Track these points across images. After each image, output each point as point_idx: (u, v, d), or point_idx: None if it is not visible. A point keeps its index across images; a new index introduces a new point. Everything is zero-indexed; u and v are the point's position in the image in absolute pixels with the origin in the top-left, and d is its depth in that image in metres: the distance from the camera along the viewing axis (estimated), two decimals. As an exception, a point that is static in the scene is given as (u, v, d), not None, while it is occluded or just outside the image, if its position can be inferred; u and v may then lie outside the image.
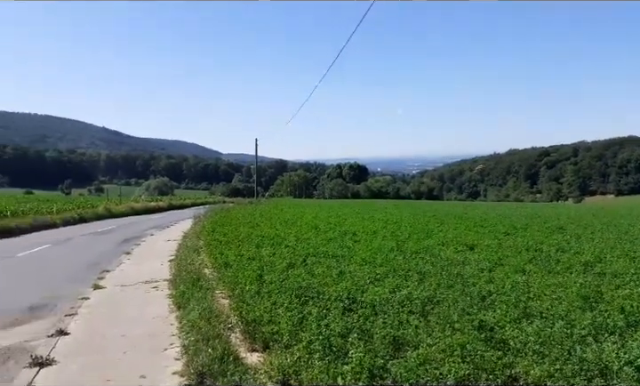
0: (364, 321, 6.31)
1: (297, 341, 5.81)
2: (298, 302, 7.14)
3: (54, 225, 28.66)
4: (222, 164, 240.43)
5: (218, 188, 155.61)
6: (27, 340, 7.57)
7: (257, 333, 6.46)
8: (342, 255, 11.78)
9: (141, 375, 5.90)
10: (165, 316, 8.70)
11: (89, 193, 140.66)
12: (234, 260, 11.31)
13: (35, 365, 6.29)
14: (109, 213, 38.80)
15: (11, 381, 5.93)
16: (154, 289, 11.12)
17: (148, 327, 8.02)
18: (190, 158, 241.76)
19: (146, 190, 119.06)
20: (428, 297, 7.48)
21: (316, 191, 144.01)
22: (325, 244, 14.05)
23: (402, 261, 10.80)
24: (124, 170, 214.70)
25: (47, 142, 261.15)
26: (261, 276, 9.13)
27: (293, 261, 10.77)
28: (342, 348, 5.48)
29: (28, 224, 26.12)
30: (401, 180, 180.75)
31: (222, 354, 5.74)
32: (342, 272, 9.54)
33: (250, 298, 7.63)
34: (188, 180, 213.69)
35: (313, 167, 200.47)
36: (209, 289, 9.13)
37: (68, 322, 8.42)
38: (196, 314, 7.45)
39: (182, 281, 10.38)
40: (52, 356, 6.66)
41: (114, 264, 14.95)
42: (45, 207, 34.84)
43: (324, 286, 8.15)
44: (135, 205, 47.63)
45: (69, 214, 32.59)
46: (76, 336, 7.64)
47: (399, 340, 5.75)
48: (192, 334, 6.68)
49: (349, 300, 7.31)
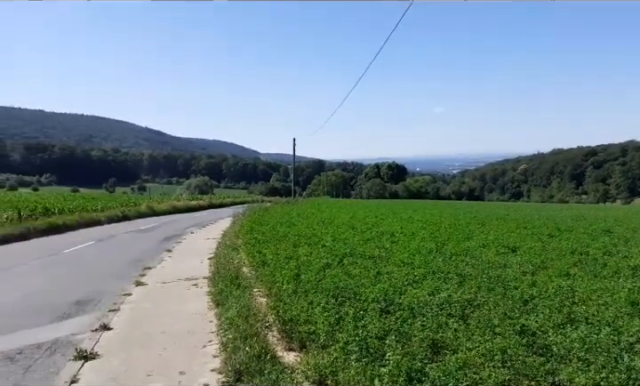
0: (401, 323, 6.24)
1: (333, 341, 5.80)
2: (334, 303, 7.12)
3: (99, 222, 29.57)
4: (260, 164, 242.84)
5: (256, 188, 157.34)
6: (72, 333, 7.83)
7: (294, 332, 6.48)
8: (380, 256, 11.69)
9: (181, 371, 6.01)
10: (204, 313, 8.84)
11: (132, 191, 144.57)
12: (271, 259, 11.39)
13: (79, 359, 6.50)
14: (152, 211, 39.74)
15: (57, 373, 6.14)
16: (193, 286, 11.32)
17: (188, 324, 8.16)
18: (230, 158, 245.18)
19: (187, 189, 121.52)
20: (468, 300, 7.33)
21: (353, 191, 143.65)
22: (362, 244, 13.98)
23: (441, 263, 10.64)
24: (165, 169, 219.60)
25: (93, 142, 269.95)
26: (298, 275, 9.15)
27: (330, 261, 10.76)
28: (379, 350, 5.44)
29: (74, 221, 27.03)
30: (441, 180, 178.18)
31: (260, 352, 5.79)
32: (380, 273, 9.46)
33: (287, 297, 7.67)
34: (228, 179, 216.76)
35: (350, 167, 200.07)
36: (247, 287, 9.23)
37: (112, 317, 8.66)
38: (235, 312, 7.54)
39: (221, 279, 10.53)
40: (96, 350, 6.86)
41: (155, 261, 15.31)
42: (91, 205, 35.95)
43: (361, 287, 8.10)
44: (176, 204, 48.62)
45: (113, 212, 33.56)
46: (119, 331, 7.86)
47: (438, 343, 5.66)
48: (230, 332, 6.76)
49: (387, 301, 7.23)
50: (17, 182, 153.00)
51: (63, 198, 47.06)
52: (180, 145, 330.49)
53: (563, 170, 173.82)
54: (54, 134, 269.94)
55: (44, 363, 6.52)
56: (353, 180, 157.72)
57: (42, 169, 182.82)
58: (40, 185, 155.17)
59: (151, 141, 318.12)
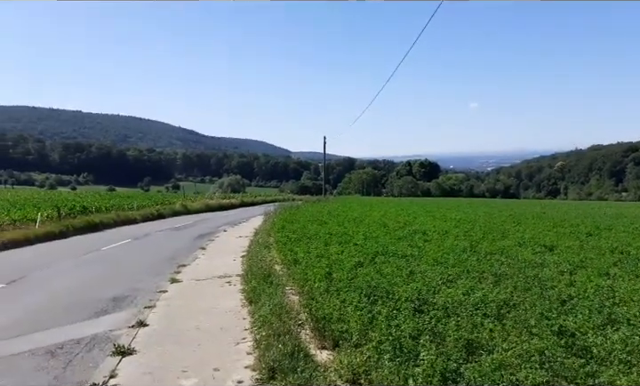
0: (435, 323, 6.15)
1: (366, 340, 5.77)
2: (367, 301, 7.08)
3: (134, 221, 30.25)
4: (291, 163, 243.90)
5: (287, 186, 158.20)
6: (110, 329, 8.03)
7: (326, 330, 6.48)
8: (412, 255, 11.57)
9: (215, 368, 6.09)
10: (238, 310, 8.93)
11: (166, 190, 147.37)
12: (303, 257, 11.42)
13: (117, 354, 6.65)
14: (185, 209, 40.42)
15: (96, 367, 6.30)
16: (227, 284, 11.46)
17: (222, 321, 8.27)
18: (261, 157, 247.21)
19: (219, 188, 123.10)
20: (504, 300, 7.18)
21: (384, 189, 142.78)
22: (395, 243, 13.88)
23: (475, 263, 10.46)
24: (199, 168, 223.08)
25: (129, 142, 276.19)
26: (330, 273, 9.15)
27: (362, 260, 10.71)
28: (413, 349, 5.37)
29: (111, 220, 27.74)
30: (475, 177, 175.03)
31: (293, 350, 5.81)
32: (412, 272, 9.37)
33: (319, 295, 7.67)
34: (259, 177, 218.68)
35: (381, 165, 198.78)
36: (279, 285, 9.28)
37: (148, 313, 8.84)
38: (267, 309, 7.59)
39: (254, 276, 10.62)
40: (133, 345, 7.02)
41: (189, 259, 15.56)
42: (126, 204, 36.78)
43: (394, 286, 8.03)
44: (209, 202, 49.31)
45: (148, 211, 34.28)
46: (155, 327, 8.01)
47: (473, 343, 5.56)
48: (263, 329, 6.82)
49: (420, 301, 7.15)
50: (56, 182, 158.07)
51: (100, 197, 48.33)
52: (212, 144, 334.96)
53: (601, 166, 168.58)
54: (91, 134, 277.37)
55: (84, 358, 6.70)
56: (384, 178, 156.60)
57: (80, 169, 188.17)
58: (78, 184, 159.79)
59: (185, 141, 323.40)
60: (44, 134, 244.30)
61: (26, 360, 6.61)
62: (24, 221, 22.30)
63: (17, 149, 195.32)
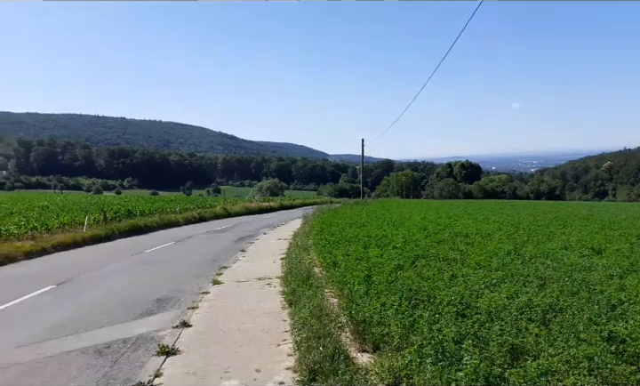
0: (478, 327, 6.05)
1: (408, 344, 5.73)
2: (408, 305, 7.01)
3: (177, 224, 30.92)
4: (329, 165, 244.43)
5: (325, 189, 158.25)
6: (155, 330, 8.23)
7: (367, 333, 6.45)
8: (454, 258, 11.39)
9: (257, 369, 6.15)
10: (278, 312, 9.00)
11: (207, 193, 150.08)
12: (342, 259, 11.40)
13: (162, 354, 6.81)
14: (226, 212, 41.03)
15: (142, 367, 6.48)
16: (267, 286, 11.57)
17: (263, 322, 8.35)
18: (299, 160, 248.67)
19: (258, 191, 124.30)
20: (550, 304, 6.99)
21: (424, 191, 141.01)
22: (435, 246, 13.69)
23: (520, 266, 10.22)
24: (238, 172, 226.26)
25: (171, 147, 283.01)
26: (370, 276, 9.10)
27: (402, 263, 10.61)
28: (456, 354, 5.30)
29: (154, 223, 28.43)
30: (518, 178, 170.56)
31: (333, 353, 5.82)
32: (454, 276, 9.23)
33: (359, 298, 7.64)
34: (297, 180, 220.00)
35: (421, 166, 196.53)
36: (319, 288, 9.30)
37: (191, 315, 9.01)
38: (307, 312, 7.62)
39: (293, 279, 10.68)
40: (177, 346, 7.17)
41: (230, 261, 15.78)
42: (169, 207, 37.65)
43: (435, 290, 7.93)
44: (249, 205, 49.90)
45: (190, 214, 34.96)
46: (198, 328, 8.16)
47: (517, 348, 5.44)
48: (304, 332, 6.84)
49: (463, 305, 7.04)
50: (102, 186, 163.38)
51: (144, 201, 49.63)
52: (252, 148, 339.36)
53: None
54: (135, 140, 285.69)
55: (130, 357, 6.89)
56: (424, 181, 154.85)
57: (124, 173, 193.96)
58: (122, 188, 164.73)
59: (225, 145, 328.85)
60: (90, 141, 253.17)
61: (76, 358, 6.85)
62: (72, 224, 23.11)
63: (65, 156, 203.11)
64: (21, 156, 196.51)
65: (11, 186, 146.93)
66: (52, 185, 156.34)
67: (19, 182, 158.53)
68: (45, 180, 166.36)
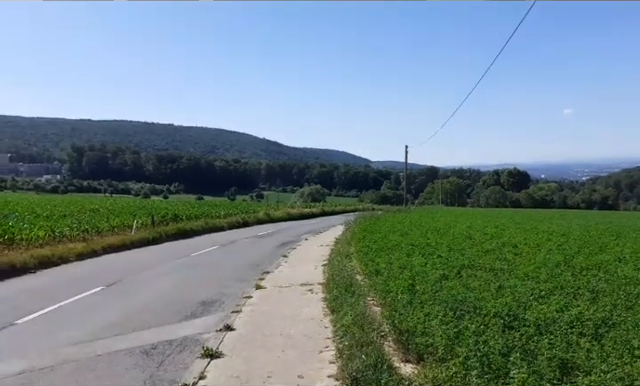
0: (526, 340, 5.87)
1: (453, 355, 5.61)
2: (453, 316, 6.87)
3: (221, 228, 31.45)
4: (371, 172, 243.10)
5: (367, 196, 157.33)
6: (199, 332, 8.37)
7: (410, 343, 6.36)
8: (501, 269, 11.10)
9: (299, 375, 6.15)
10: (320, 318, 8.99)
11: (251, 199, 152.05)
12: (384, 267, 11.31)
13: (206, 357, 6.91)
14: (269, 217, 41.47)
15: (186, 369, 6.59)
16: (309, 292, 11.58)
17: (304, 328, 8.35)
18: (341, 166, 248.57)
19: (300, 197, 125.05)
20: (603, 319, 6.70)
21: (469, 199, 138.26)
22: (482, 255, 13.39)
23: (570, 278, 9.85)
24: (281, 178, 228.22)
25: (216, 153, 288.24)
26: (413, 285, 8.98)
27: (447, 273, 10.42)
28: (503, 367, 5.18)
29: (199, 227, 29.02)
30: (568, 187, 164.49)
31: (376, 361, 5.75)
32: (501, 287, 8.99)
33: (402, 307, 7.55)
34: (339, 187, 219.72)
35: (467, 174, 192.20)
36: (361, 295, 9.23)
37: (234, 318, 9.12)
38: (350, 319, 7.57)
39: (335, 286, 10.66)
40: (221, 349, 7.26)
41: (272, 266, 15.91)
42: (214, 212, 38.35)
43: (481, 301, 7.74)
44: (291, 211, 50.26)
45: (234, 219, 35.51)
46: (241, 332, 8.25)
47: (568, 363, 5.24)
48: (346, 339, 6.80)
49: (510, 316, 6.83)
50: (150, 191, 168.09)
51: (190, 205, 50.75)
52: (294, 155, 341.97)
53: None
54: (182, 146, 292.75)
55: (175, 359, 7.03)
56: (469, 188, 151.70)
57: (171, 178, 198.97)
58: (169, 193, 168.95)
59: (268, 152, 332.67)
60: (139, 146, 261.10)
61: (124, 358, 7.04)
62: (121, 227, 23.87)
63: (116, 161, 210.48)
64: (74, 160, 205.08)
65: (64, 189, 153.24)
66: (103, 189, 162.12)
67: (71, 186, 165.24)
68: (96, 185, 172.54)
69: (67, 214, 29.64)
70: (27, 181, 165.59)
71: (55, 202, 49.11)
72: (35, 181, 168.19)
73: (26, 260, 14.47)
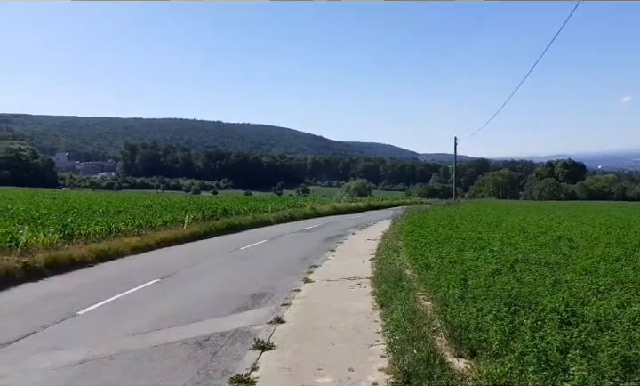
0: (585, 337, 5.65)
1: (507, 351, 5.48)
2: (507, 311, 6.69)
3: (269, 222, 31.85)
4: (418, 165, 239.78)
5: (414, 189, 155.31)
6: (250, 324, 8.52)
7: (463, 338, 6.24)
8: (557, 263, 10.72)
9: (349, 368, 6.16)
10: (369, 312, 8.96)
11: (297, 194, 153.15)
12: (434, 262, 11.13)
13: (257, 348, 7.03)
14: (315, 212, 41.66)
15: (239, 360, 6.72)
16: (357, 286, 11.57)
17: (354, 322, 8.35)
18: (387, 160, 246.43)
19: (346, 191, 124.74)
20: (669, 316, 6.35)
21: (522, 192, 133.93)
22: (536, 249, 12.97)
23: (631, 272, 9.39)
24: (327, 172, 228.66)
25: (263, 149, 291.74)
26: (465, 280, 8.79)
27: (500, 267, 10.15)
28: (561, 363, 5.02)
29: (248, 221, 29.50)
30: (627, 178, 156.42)
31: (428, 356, 5.69)
32: (557, 281, 8.68)
33: (454, 302, 7.41)
34: (385, 181, 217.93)
35: (519, 165, 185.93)
36: (411, 290, 9.13)
37: (284, 311, 9.23)
38: (400, 313, 7.51)
39: (384, 280, 10.59)
40: (271, 341, 7.37)
41: (320, 260, 15.99)
42: (262, 206, 38.87)
43: (537, 296, 7.50)
44: (337, 205, 50.32)
45: (281, 213, 35.89)
46: (291, 324, 8.33)
47: (630, 361, 5.02)
48: (397, 334, 6.75)
49: (567, 312, 6.59)
50: (200, 187, 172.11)
51: (238, 201, 51.57)
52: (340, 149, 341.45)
53: None
54: (230, 143, 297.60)
55: (227, 350, 7.18)
56: (522, 180, 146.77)
57: (220, 174, 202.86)
58: (218, 189, 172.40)
59: (314, 147, 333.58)
60: (189, 144, 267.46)
61: (178, 349, 7.25)
62: (174, 222, 24.50)
63: (167, 158, 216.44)
64: (127, 158, 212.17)
65: (118, 186, 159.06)
66: (155, 185, 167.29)
67: (125, 183, 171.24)
68: (149, 181, 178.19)
69: (121, 210, 30.70)
70: (83, 179, 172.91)
71: (110, 198, 50.98)
72: (91, 179, 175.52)
73: (84, 254, 15.09)
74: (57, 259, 13.81)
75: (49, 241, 15.47)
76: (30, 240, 14.61)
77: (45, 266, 13.14)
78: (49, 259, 13.50)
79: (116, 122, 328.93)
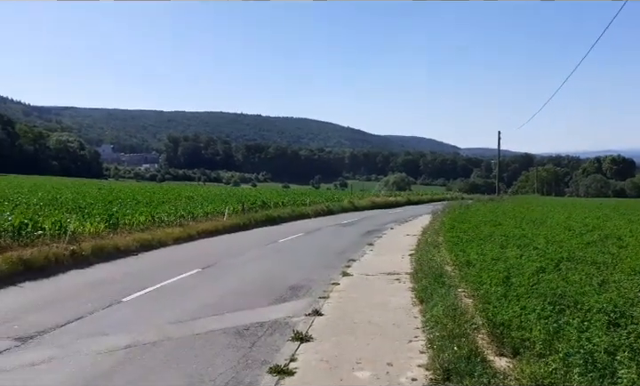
0: (635, 339, 5.43)
1: (552, 351, 5.33)
2: (552, 310, 6.50)
3: (307, 216, 32.00)
4: (460, 160, 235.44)
5: (455, 184, 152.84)
6: (289, 316, 8.58)
7: (505, 337, 6.12)
8: (604, 262, 10.33)
9: (388, 362, 6.13)
10: (409, 308, 8.89)
11: (335, 187, 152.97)
12: (476, 259, 10.93)
13: (296, 340, 7.08)
14: (353, 206, 41.57)
15: (277, 350, 6.79)
16: (396, 281, 11.48)
17: (393, 317, 8.30)
18: (427, 154, 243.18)
19: (385, 185, 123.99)
20: None
21: (567, 188, 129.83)
22: (583, 248, 12.55)
23: (686, 274, 8.97)
24: (365, 166, 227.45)
25: (301, 142, 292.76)
26: (508, 278, 8.60)
27: (544, 265, 9.86)
28: (608, 365, 4.84)
29: (286, 214, 29.75)
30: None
31: (469, 354, 5.61)
32: (605, 281, 8.38)
33: (496, 300, 7.26)
34: (425, 175, 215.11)
35: (564, 161, 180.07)
36: (452, 286, 9.00)
37: (322, 304, 9.26)
38: (440, 310, 7.42)
39: (424, 276, 10.48)
40: (310, 333, 7.40)
41: (358, 254, 15.94)
42: (300, 200, 39.10)
43: (583, 296, 7.25)
44: (376, 200, 50.08)
45: (319, 206, 36.01)
46: (329, 317, 8.36)
47: (685, 365, 4.78)
48: (437, 330, 6.67)
49: (616, 313, 6.35)
50: (239, 179, 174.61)
51: (277, 193, 52.06)
52: (378, 143, 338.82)
53: None
54: (269, 136, 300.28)
55: (266, 341, 7.26)
56: (567, 177, 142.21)
57: (259, 167, 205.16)
58: (257, 181, 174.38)
59: (352, 140, 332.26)
60: (230, 137, 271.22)
61: (219, 337, 7.38)
62: (214, 213, 24.94)
63: (208, 150, 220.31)
64: (170, 150, 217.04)
65: (161, 178, 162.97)
66: (196, 177, 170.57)
67: (168, 174, 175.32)
68: (190, 173, 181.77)
69: (164, 201, 31.47)
70: (128, 170, 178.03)
71: (153, 189, 52.37)
72: (135, 170, 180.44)
73: (129, 243, 15.55)
74: (103, 247, 14.28)
75: (95, 230, 16.02)
76: (78, 229, 15.13)
77: (92, 254, 13.59)
78: (95, 247, 13.97)
79: (159, 115, 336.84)
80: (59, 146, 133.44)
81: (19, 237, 13.16)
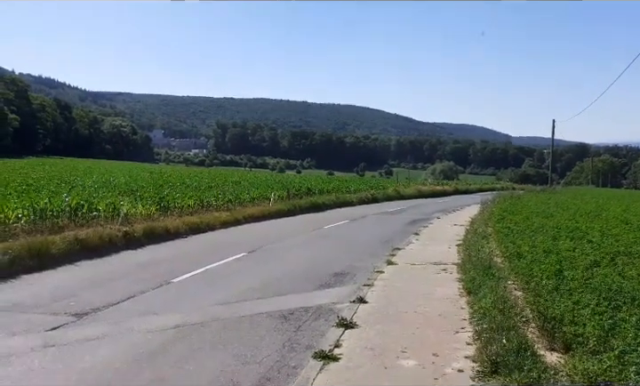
0: (697, 339, 5.15)
1: (606, 348, 5.13)
2: (607, 306, 6.25)
3: (351, 203, 31.90)
4: (511, 149, 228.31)
5: (505, 174, 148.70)
6: (333, 302, 8.62)
7: (556, 331, 5.92)
8: (664, 257, 9.84)
9: (434, 353, 6.06)
10: (455, 299, 8.75)
11: (379, 175, 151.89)
12: (527, 251, 10.60)
13: (340, 326, 7.10)
14: (398, 194, 41.13)
15: (322, 336, 6.83)
16: (442, 271, 11.32)
17: (439, 307, 8.20)
18: (477, 142, 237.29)
19: (431, 174, 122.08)
20: None
21: (625, 180, 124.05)
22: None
23: None
24: (411, 154, 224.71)
25: (347, 129, 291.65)
26: (560, 271, 8.30)
27: (599, 259, 9.48)
28: (668, 366, 4.59)
29: (331, 201, 29.76)
30: None
31: (518, 347, 5.46)
32: (665, 277, 7.97)
33: (547, 293, 7.04)
34: (474, 164, 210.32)
35: (622, 151, 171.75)
36: (501, 278, 8.78)
37: (366, 291, 9.23)
38: (489, 302, 7.26)
39: (472, 267, 10.27)
40: (354, 320, 7.41)
41: (403, 243, 15.79)
42: (344, 187, 39.04)
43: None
44: (422, 188, 49.35)
45: (364, 194, 35.80)
46: (374, 305, 8.33)
47: None
48: (485, 322, 6.54)
49: (677, 311, 6.04)
50: (284, 166, 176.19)
51: (321, 180, 52.14)
52: (426, 130, 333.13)
53: None
54: (315, 123, 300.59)
55: (311, 325, 7.32)
56: (626, 168, 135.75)
57: (304, 154, 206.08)
58: (302, 168, 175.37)
59: (399, 128, 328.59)
60: (276, 123, 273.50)
61: (265, 320, 7.50)
62: (260, 199, 25.27)
63: (255, 137, 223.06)
64: (219, 136, 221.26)
65: (209, 163, 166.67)
66: (243, 163, 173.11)
67: (216, 160, 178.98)
68: (237, 159, 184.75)
69: (212, 186, 32.10)
70: (177, 155, 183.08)
71: (202, 174, 53.47)
72: (184, 155, 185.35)
73: (178, 226, 15.96)
74: (154, 229, 14.72)
75: (147, 212, 16.55)
76: (130, 211, 15.66)
77: (143, 236, 14.04)
78: (146, 229, 14.42)
79: (208, 101, 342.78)
80: (112, 130, 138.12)
81: (75, 218, 13.78)
